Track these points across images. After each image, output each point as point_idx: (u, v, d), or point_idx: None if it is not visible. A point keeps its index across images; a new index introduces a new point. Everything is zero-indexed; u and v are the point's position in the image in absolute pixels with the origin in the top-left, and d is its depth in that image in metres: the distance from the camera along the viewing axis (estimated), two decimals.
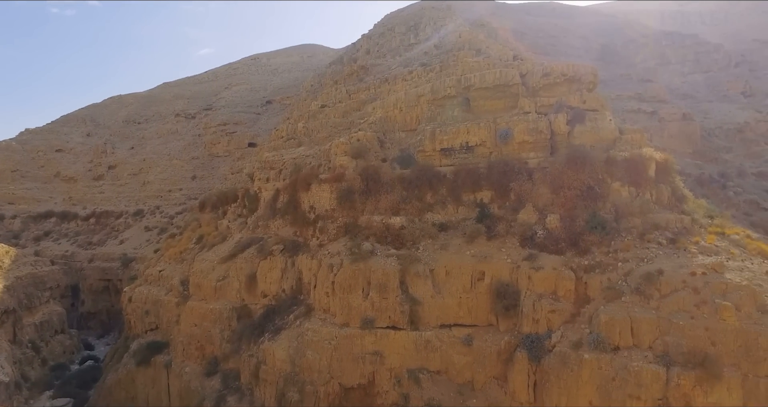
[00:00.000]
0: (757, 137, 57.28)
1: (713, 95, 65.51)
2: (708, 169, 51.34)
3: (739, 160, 54.24)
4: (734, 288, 18.25)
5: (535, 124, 26.11)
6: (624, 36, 78.73)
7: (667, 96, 60.64)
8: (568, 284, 21.19)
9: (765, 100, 64.20)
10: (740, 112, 61.16)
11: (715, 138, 56.79)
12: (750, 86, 66.60)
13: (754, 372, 16.74)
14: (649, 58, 71.32)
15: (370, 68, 44.69)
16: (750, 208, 45.96)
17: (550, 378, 19.56)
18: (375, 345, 23.36)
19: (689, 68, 70.67)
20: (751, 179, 51.00)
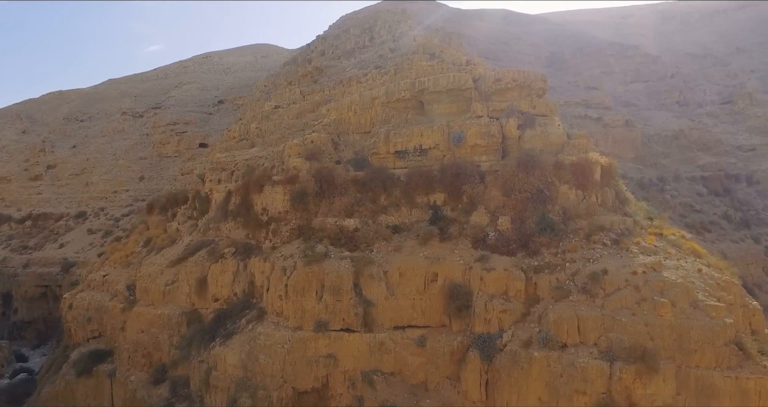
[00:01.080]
0: (690, 144, 60.79)
1: (652, 103, 69.06)
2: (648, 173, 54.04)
3: (675, 165, 57.39)
4: (671, 286, 19.26)
5: (488, 128, 26.70)
6: (572, 45, 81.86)
7: (611, 103, 63.47)
8: (519, 284, 21.76)
9: (697, 110, 68.28)
10: (676, 120, 64.78)
11: (654, 144, 59.85)
12: (684, 96, 70.65)
13: (687, 364, 17.76)
14: (595, 67, 74.40)
15: (324, 70, 44.46)
16: (684, 210, 48.75)
17: (502, 377, 20.03)
18: (329, 348, 23.21)
19: (631, 77, 74.22)
20: (686, 183, 54.09)
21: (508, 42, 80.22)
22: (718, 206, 51.70)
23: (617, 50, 77.79)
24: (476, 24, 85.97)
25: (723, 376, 17.28)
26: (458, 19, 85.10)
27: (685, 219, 46.58)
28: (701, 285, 19.55)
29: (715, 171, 56.77)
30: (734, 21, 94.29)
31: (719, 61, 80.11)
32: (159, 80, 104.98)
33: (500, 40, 78.99)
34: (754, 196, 54.76)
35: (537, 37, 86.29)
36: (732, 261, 27.47)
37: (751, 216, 51.49)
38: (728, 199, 53.42)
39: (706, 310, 18.45)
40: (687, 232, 27.90)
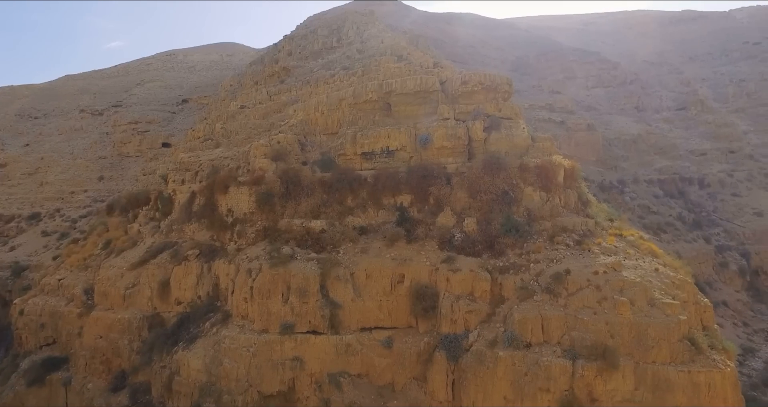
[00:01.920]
0: (648, 148, 63.03)
1: (612, 108, 71.28)
2: (608, 176, 55.71)
3: (633, 168, 59.37)
4: (630, 285, 19.87)
5: (454, 130, 26.97)
6: (536, 50, 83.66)
7: (574, 107, 65.15)
8: (484, 285, 22.03)
9: (654, 115, 70.88)
10: (634, 124, 67.04)
11: (614, 147, 61.77)
12: (642, 102, 73.20)
13: (644, 360, 18.35)
14: (558, 72, 76.28)
15: (291, 70, 44.09)
16: (642, 212, 50.50)
17: (468, 377, 20.21)
18: (295, 350, 22.96)
19: (592, 83, 76.39)
20: (644, 185, 56.03)
21: (475, 46, 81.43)
22: (673, 208, 53.75)
23: (579, 56, 79.99)
24: (444, 27, 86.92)
25: (677, 371, 17.90)
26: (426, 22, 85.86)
27: (643, 220, 48.23)
28: (658, 284, 20.24)
29: (671, 174, 59.03)
30: (687, 32, 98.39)
31: (674, 69, 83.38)
32: (120, 77, 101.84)
33: (467, 44, 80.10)
34: (705, 198, 57.16)
35: (503, 42, 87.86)
36: (685, 261, 28.59)
37: (703, 217, 53.74)
38: (682, 201, 55.63)
39: (663, 308, 19.11)
40: (645, 233, 28.89)
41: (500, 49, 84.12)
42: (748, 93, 73.64)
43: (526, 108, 53.62)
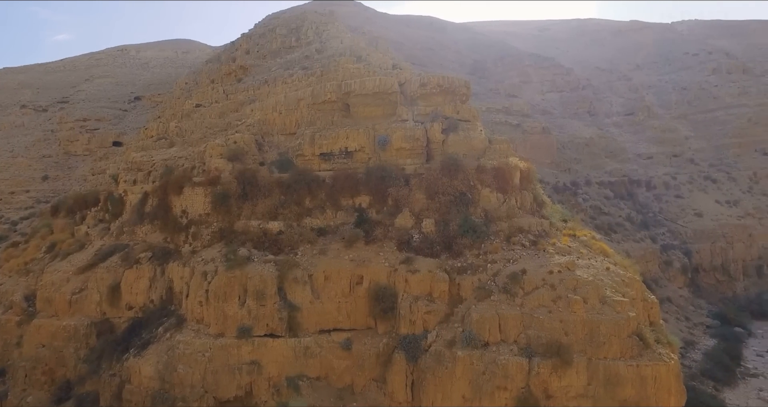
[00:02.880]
0: (599, 151, 65.36)
1: (566, 112, 73.53)
2: (562, 178, 57.40)
3: (586, 170, 61.42)
4: (583, 284, 20.50)
5: (412, 131, 27.13)
6: (494, 54, 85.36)
7: (529, 111, 66.80)
8: (443, 285, 22.26)
9: (605, 119, 73.61)
10: (586, 128, 69.39)
11: (567, 150, 63.71)
12: (593, 107, 75.85)
13: (596, 356, 18.97)
14: (515, 76, 78.06)
15: (249, 69, 43.31)
16: (594, 213, 52.30)
17: (427, 377, 20.35)
18: (252, 354, 22.51)
19: (547, 87, 78.60)
20: (595, 187, 58.06)
21: (434, 48, 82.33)
22: (623, 209, 55.92)
23: (535, 61, 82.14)
24: (403, 29, 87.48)
25: (626, 365, 18.60)
26: (385, 24, 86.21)
27: (595, 221, 49.93)
28: (609, 283, 20.97)
29: (620, 176, 61.40)
30: (634, 41, 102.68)
31: (623, 76, 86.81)
32: (66, 72, 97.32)
33: (426, 47, 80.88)
34: (651, 199, 59.77)
35: (461, 45, 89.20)
36: (634, 260, 29.82)
37: (650, 218, 56.16)
38: (631, 202, 57.96)
39: (613, 305, 19.80)
40: (596, 233, 29.89)
41: (458, 53, 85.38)
42: (689, 101, 77.55)
43: (484, 111, 54.61)
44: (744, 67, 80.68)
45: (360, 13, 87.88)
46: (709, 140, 69.25)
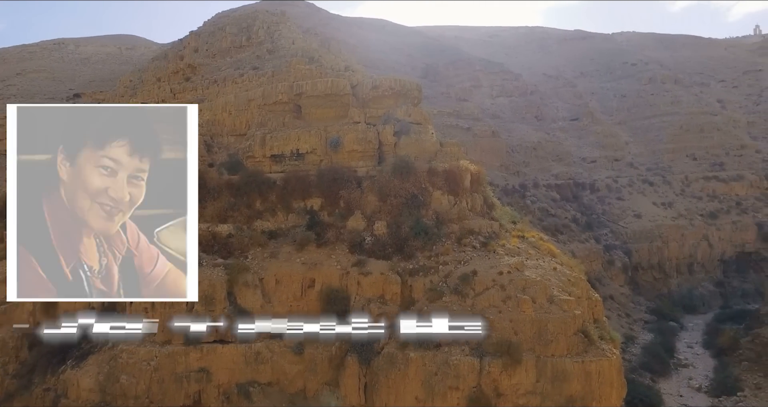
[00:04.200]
0: (546, 154, 67.52)
1: (515, 117, 75.53)
2: (511, 181, 58.93)
3: (534, 173, 63.29)
4: (531, 284, 21.12)
5: (364, 134, 27.16)
6: (445, 58, 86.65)
7: (480, 115, 68.21)
8: (395, 287, 22.39)
9: (551, 124, 76.11)
10: (534, 132, 71.53)
11: (516, 153, 65.48)
12: (541, 112, 78.29)
13: (544, 353, 19.57)
14: (466, 80, 79.52)
15: (197, 68, 42.09)
16: (542, 214, 53.95)
17: (380, 379, 20.40)
18: (201, 361, 21.80)
19: (497, 92, 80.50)
20: (543, 190, 59.93)
21: (386, 51, 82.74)
22: (569, 211, 57.99)
23: (485, 66, 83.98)
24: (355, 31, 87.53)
25: (573, 362, 19.30)
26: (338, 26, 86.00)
27: (543, 222, 51.47)
28: (556, 282, 21.69)
29: (566, 179, 63.65)
30: (578, 49, 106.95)
31: (568, 82, 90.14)
32: None
33: (378, 49, 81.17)
34: (595, 201, 62.27)
35: (413, 49, 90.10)
36: (579, 259, 30.95)
37: (594, 219, 58.50)
38: (576, 204, 60.19)
39: (560, 304, 20.49)
40: (544, 234, 30.86)
41: (410, 56, 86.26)
42: (628, 108, 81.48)
43: (435, 114, 55.31)
44: (676, 78, 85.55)
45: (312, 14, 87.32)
46: (647, 145, 72.92)
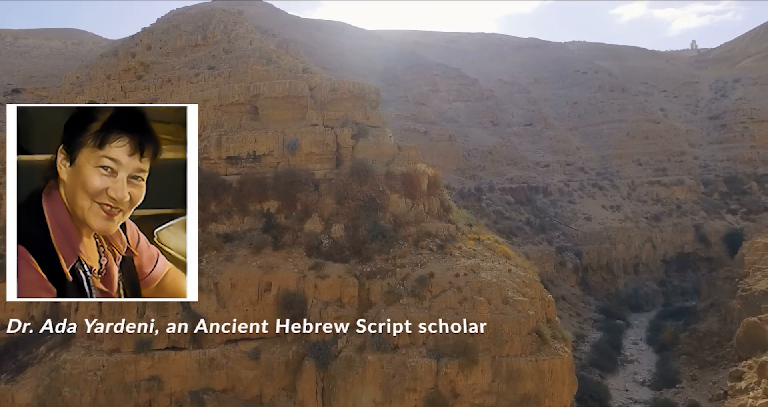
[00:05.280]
0: (501, 158, 69.08)
1: (471, 121, 76.92)
2: (467, 184, 59.97)
3: (489, 177, 64.61)
4: (487, 286, 21.59)
5: (322, 136, 27.11)
6: (403, 62, 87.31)
7: (437, 119, 69.09)
8: (352, 290, 22.43)
9: (506, 129, 77.95)
10: (490, 137, 73.07)
11: (472, 157, 66.68)
12: (496, 117, 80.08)
13: (499, 353, 20.06)
14: (423, 85, 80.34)
15: (150, 66, 40.76)
16: (497, 217, 55.13)
17: (337, 383, 20.35)
18: (152, 369, 21.16)
19: (454, 97, 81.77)
20: (498, 193, 61.27)
21: (344, 54, 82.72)
22: (523, 214, 59.48)
23: (443, 71, 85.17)
24: (314, 33, 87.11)
25: (527, 361, 19.87)
26: (296, 27, 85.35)
27: (498, 225, 52.59)
28: (511, 284, 22.25)
29: (520, 183, 65.28)
30: (533, 56, 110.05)
31: (523, 88, 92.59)
32: None
33: (336, 52, 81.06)
34: (548, 205, 64.15)
35: (372, 52, 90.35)
36: (533, 261, 31.77)
37: (546, 222, 60.24)
38: (530, 207, 61.81)
39: (515, 305, 21.04)
40: (499, 237, 31.57)
41: (369, 59, 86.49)
42: (579, 114, 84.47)
43: (393, 117, 55.61)
44: (623, 87, 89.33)
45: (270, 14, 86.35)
46: (597, 150, 75.74)
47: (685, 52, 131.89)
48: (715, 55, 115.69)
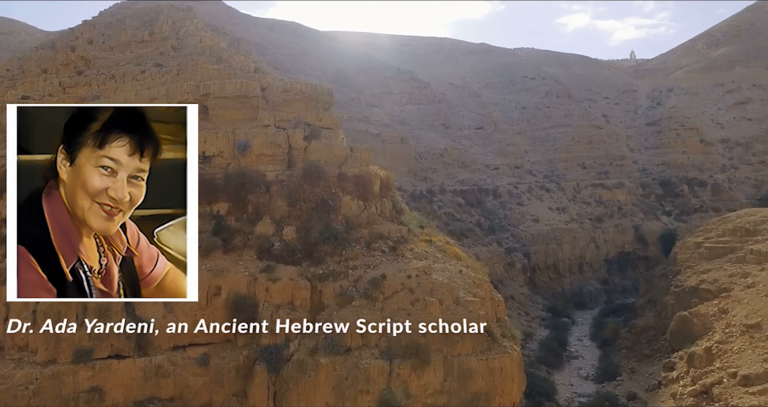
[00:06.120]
0: (452, 161, 70.28)
1: (423, 124, 77.84)
2: (419, 186, 60.65)
3: (441, 179, 65.59)
4: (438, 286, 21.93)
5: (274, 137, 26.77)
6: (356, 64, 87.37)
7: (389, 121, 69.54)
8: (304, 293, 22.24)
9: (457, 132, 79.39)
10: (441, 139, 74.18)
11: (424, 160, 67.49)
12: (448, 120, 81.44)
13: (451, 353, 20.39)
14: (376, 87, 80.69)
15: (92, 61, 38.99)
16: (448, 219, 56.03)
17: (290, 387, 20.13)
18: (92, 380, 20.14)
19: (406, 99, 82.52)
20: (449, 195, 62.29)
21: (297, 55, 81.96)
22: (473, 215, 60.72)
23: (395, 74, 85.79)
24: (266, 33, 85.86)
25: (477, 360, 20.34)
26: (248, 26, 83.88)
27: (449, 226, 53.44)
28: (462, 284, 22.69)
29: (471, 185, 66.64)
30: (483, 61, 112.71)
31: (474, 92, 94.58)
32: None
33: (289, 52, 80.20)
34: (498, 206, 65.78)
35: (325, 53, 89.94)
36: (483, 262, 32.50)
37: (496, 223, 61.75)
38: (480, 209, 63.17)
39: (466, 305, 21.48)
40: (450, 238, 32.13)
41: (322, 60, 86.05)
42: (528, 118, 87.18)
43: (345, 119, 55.53)
44: (568, 93, 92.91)
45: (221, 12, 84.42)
46: (544, 154, 78.35)
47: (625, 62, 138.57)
48: (652, 65, 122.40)
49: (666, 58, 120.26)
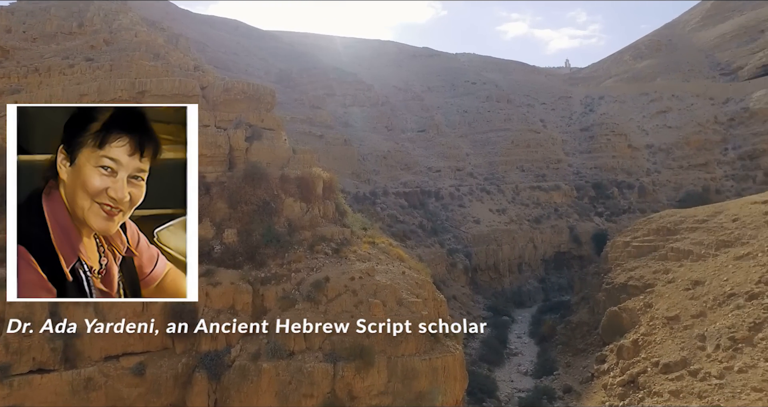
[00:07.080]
0: (395, 163, 70.99)
1: (367, 126, 78.14)
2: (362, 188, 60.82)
3: (384, 181, 66.08)
4: (382, 288, 22.04)
5: (214, 138, 26.03)
6: (299, 65, 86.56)
7: (333, 122, 69.33)
8: (246, 297, 21.72)
9: (400, 135, 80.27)
10: (385, 142, 74.76)
11: (367, 162, 67.77)
12: (391, 122, 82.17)
13: (395, 354, 20.54)
14: (319, 88, 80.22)
15: (12, 52, 36.39)
16: (391, 221, 56.53)
17: (231, 394, 19.60)
18: (11, 398, 18.58)
19: (349, 101, 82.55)
20: (392, 197, 62.87)
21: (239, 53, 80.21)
22: (416, 217, 61.54)
23: (339, 75, 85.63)
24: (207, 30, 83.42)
25: (421, 360, 20.56)
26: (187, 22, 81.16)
27: (392, 228, 53.91)
28: (405, 285, 22.92)
29: (414, 187, 67.53)
30: (426, 65, 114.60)
31: (417, 96, 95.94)
32: None
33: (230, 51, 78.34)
34: (440, 208, 67.03)
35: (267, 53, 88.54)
36: (426, 263, 32.97)
37: (438, 225, 62.89)
38: (422, 211, 64.13)
39: (409, 306, 21.70)
40: (393, 240, 32.40)
41: (264, 60, 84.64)
42: (469, 122, 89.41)
43: (288, 120, 54.87)
44: (508, 98, 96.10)
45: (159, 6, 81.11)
46: (485, 157, 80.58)
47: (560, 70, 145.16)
48: (585, 73, 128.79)
49: (597, 68, 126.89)
